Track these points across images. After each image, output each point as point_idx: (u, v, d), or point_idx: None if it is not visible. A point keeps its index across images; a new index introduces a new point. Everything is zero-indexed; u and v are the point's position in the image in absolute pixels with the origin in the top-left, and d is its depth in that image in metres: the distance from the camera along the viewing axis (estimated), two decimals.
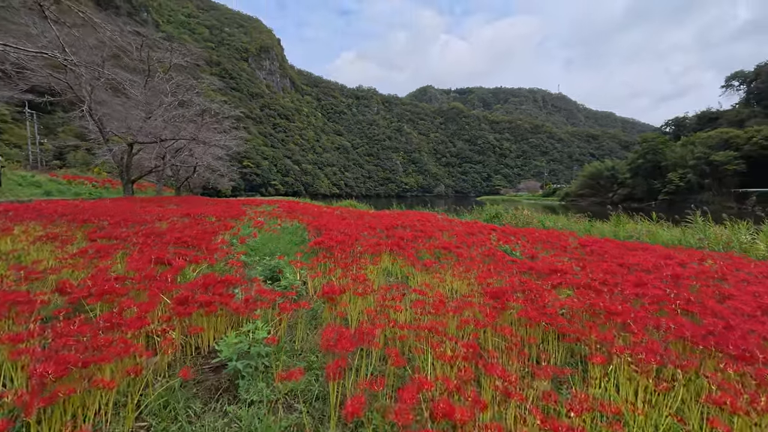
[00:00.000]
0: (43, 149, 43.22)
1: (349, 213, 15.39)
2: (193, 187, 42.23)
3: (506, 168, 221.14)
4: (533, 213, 13.15)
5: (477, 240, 7.07)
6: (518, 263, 4.54)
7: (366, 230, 7.96)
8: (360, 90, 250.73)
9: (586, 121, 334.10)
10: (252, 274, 3.96)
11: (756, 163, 59.24)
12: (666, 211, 11.81)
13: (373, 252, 5.05)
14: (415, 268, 4.50)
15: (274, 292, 2.60)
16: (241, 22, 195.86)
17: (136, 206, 11.96)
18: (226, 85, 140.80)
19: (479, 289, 3.29)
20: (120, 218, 7.07)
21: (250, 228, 8.03)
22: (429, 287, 3.19)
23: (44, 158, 40.83)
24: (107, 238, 4.78)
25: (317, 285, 3.68)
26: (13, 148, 37.87)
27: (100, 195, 19.49)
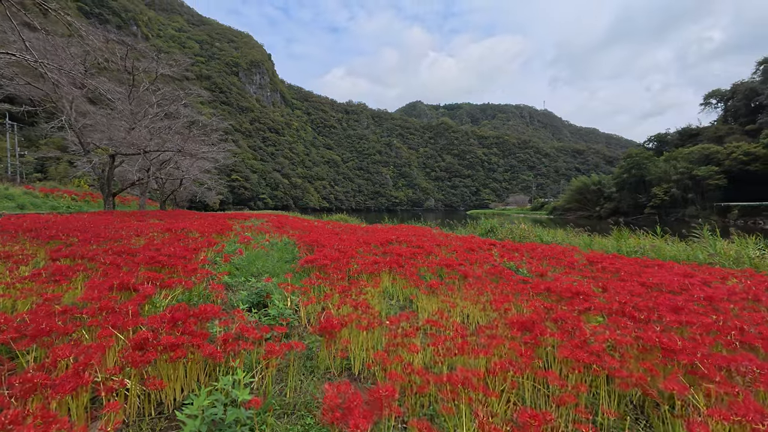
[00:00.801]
0: (24, 161, 41.93)
1: (341, 228, 14.91)
2: (180, 200, 41.24)
3: (495, 182, 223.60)
4: (530, 227, 12.86)
5: (479, 256, 6.66)
6: (531, 283, 4.13)
7: (360, 246, 7.51)
8: (350, 105, 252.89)
9: (571, 136, 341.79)
10: (235, 299, 3.46)
11: (736, 177, 60.79)
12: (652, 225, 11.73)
13: (372, 271, 4.60)
14: (420, 289, 4.06)
15: (260, 326, 2.13)
16: (231, 37, 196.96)
17: (115, 221, 11.29)
18: (216, 99, 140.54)
19: (501, 318, 2.85)
20: (92, 234, 6.49)
21: (236, 244, 7.50)
22: (443, 316, 2.74)
23: (25, 171, 39.54)
24: (71, 258, 4.22)
25: (311, 313, 3.20)
26: None
27: (79, 209, 18.63)
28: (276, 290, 3.53)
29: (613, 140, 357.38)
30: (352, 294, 3.13)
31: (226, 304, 3.40)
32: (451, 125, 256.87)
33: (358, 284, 3.74)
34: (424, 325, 2.51)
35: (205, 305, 2.11)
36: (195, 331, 1.83)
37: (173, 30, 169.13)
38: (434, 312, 3.58)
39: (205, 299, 3.38)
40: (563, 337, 2.23)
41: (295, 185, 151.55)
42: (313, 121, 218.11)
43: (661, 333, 2.32)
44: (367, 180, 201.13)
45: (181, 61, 17.23)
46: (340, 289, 3.17)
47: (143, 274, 3.24)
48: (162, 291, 3.01)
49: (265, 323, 2.64)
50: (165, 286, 2.94)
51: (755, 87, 77.80)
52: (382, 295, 4.30)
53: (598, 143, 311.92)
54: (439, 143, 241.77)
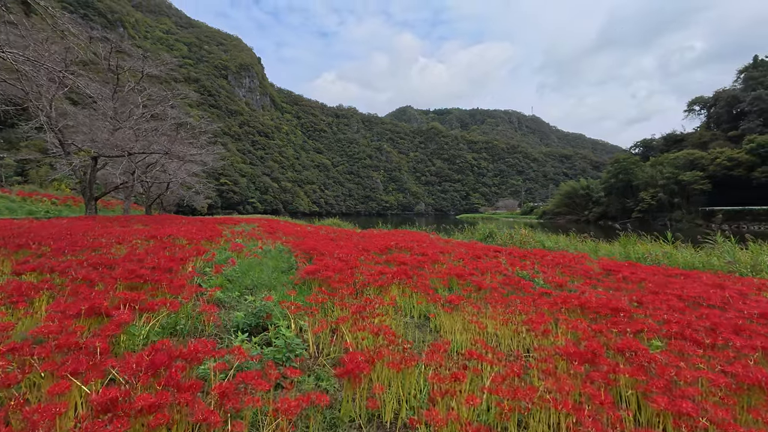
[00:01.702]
0: (4, 164, 40.46)
1: (336, 233, 14.41)
2: (166, 205, 40.17)
3: (484, 187, 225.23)
4: (530, 232, 12.56)
5: (488, 265, 6.27)
6: (554, 296, 3.74)
7: (360, 253, 7.06)
8: (340, 109, 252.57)
9: (559, 142, 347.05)
10: (230, 321, 2.99)
11: (720, 182, 62.08)
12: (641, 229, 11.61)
13: (381, 284, 4.15)
14: (438, 304, 3.63)
15: (264, 362, 1.68)
16: (220, 40, 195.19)
17: (96, 226, 10.62)
18: (205, 102, 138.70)
19: (540, 342, 2.44)
20: (67, 242, 5.90)
21: (228, 252, 6.97)
22: (486, 347, 2.30)
23: (4, 174, 38.12)
24: (38, 271, 3.69)
25: (322, 341, 2.73)
26: None
27: (59, 213, 17.77)
28: (276, 309, 3.05)
29: (599, 146, 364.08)
30: (368, 316, 2.68)
31: (219, 328, 2.91)
32: (441, 130, 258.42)
33: (369, 301, 3.29)
34: (466, 360, 2.07)
35: (195, 344, 1.64)
36: (182, 384, 1.36)
37: (161, 32, 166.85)
38: (457, 330, 3.16)
39: (194, 322, 2.90)
40: (637, 373, 1.82)
41: (285, 189, 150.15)
42: (303, 125, 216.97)
43: (747, 365, 1.94)
44: (357, 184, 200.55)
45: (167, 60, 16.59)
46: (353, 309, 2.72)
47: (120, 294, 2.74)
48: (143, 315, 2.52)
49: (268, 356, 2.18)
50: (146, 309, 2.45)
51: (737, 94, 79.91)
52: (392, 311, 3.85)
53: (584, 148, 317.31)
54: (429, 148, 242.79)
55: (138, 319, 2.45)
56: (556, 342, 2.58)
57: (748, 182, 59.37)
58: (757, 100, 73.13)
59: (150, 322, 2.51)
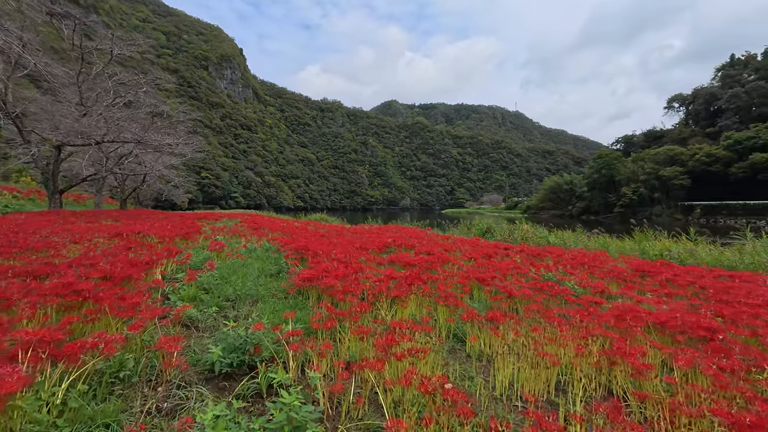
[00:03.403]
0: None
1: (325, 229, 13.52)
2: (143, 199, 38.28)
3: (469, 182, 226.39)
4: (532, 228, 11.95)
5: (505, 265, 5.55)
6: (622, 310, 3.01)
7: (359, 253, 6.24)
8: (325, 102, 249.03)
9: (542, 138, 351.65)
10: (203, 357, 2.13)
11: (699, 178, 63.59)
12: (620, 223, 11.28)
13: (397, 294, 3.34)
14: (474, 322, 2.85)
15: None
16: (200, 29, 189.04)
17: (57, 222, 9.45)
18: (185, 93, 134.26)
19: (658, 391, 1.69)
20: (10, 240, 4.88)
21: (206, 252, 6.04)
22: None
23: None
24: None
25: (346, 401, 1.88)
26: None
27: (20, 208, 16.25)
28: (268, 339, 2.21)
29: (581, 142, 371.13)
30: (404, 354, 1.87)
31: (185, 373, 2.05)
32: (427, 125, 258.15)
33: (396, 325, 2.48)
34: None
35: None
36: None
37: (137, 20, 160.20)
38: (510, 360, 2.38)
39: (150, 360, 2.03)
40: None
41: (269, 184, 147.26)
42: (287, 118, 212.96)
43: None
44: (342, 179, 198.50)
45: (139, 42, 15.19)
46: (380, 344, 1.91)
47: (37, 320, 1.86)
48: (56, 368, 1.63)
49: None
50: (65, 356, 1.57)
51: (714, 92, 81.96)
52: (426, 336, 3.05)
53: (566, 144, 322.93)
54: (415, 142, 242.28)
55: (46, 378, 1.56)
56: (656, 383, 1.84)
57: (726, 178, 60.94)
58: (734, 98, 75.15)
59: (72, 374, 1.63)
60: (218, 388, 1.99)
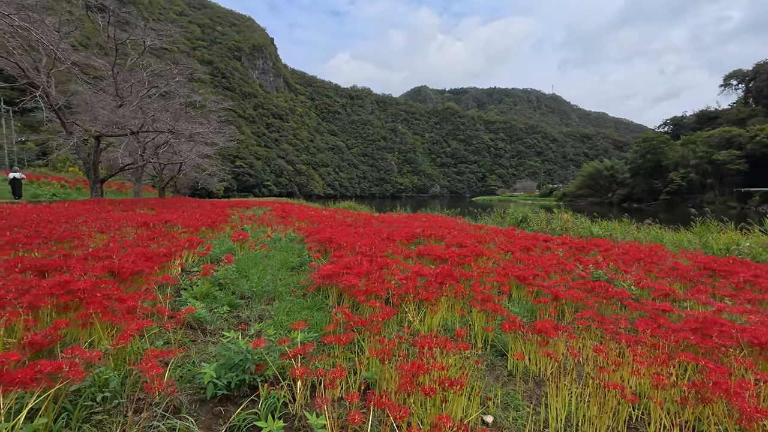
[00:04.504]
0: (26, 149, 40.65)
1: (353, 217, 13.27)
2: (180, 187, 39.77)
3: (501, 168, 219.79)
4: (572, 217, 11.11)
5: (545, 260, 5.00)
6: (702, 321, 2.47)
7: (385, 244, 5.86)
8: (354, 90, 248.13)
9: (580, 121, 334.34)
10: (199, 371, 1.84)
11: (759, 162, 58.12)
12: (666, 211, 10.15)
13: (426, 297, 2.95)
14: (517, 332, 2.41)
15: None
16: (233, 20, 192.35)
17: (94, 210, 9.73)
18: (219, 84, 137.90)
19: None
20: (37, 231, 4.90)
21: (229, 242, 5.88)
22: None
23: (26, 158, 38.23)
24: None
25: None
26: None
27: (66, 196, 17.16)
28: (274, 354, 1.90)
29: (623, 125, 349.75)
30: (436, 389, 1.48)
31: (176, 395, 1.77)
32: (457, 110, 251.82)
33: (424, 344, 2.10)
34: None
35: None
36: None
37: (174, 14, 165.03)
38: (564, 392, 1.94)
39: (137, 378, 1.76)
40: None
41: (300, 172, 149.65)
42: (317, 106, 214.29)
43: None
44: (371, 166, 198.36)
45: (169, 31, 15.33)
46: (405, 372, 1.52)
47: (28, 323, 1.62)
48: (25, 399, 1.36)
49: None
50: (17, 383, 1.29)
51: None
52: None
53: (607, 128, 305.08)
54: (445, 128, 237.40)
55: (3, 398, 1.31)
56: None
57: None
58: None
59: (33, 401, 1.37)
60: (213, 414, 1.70)
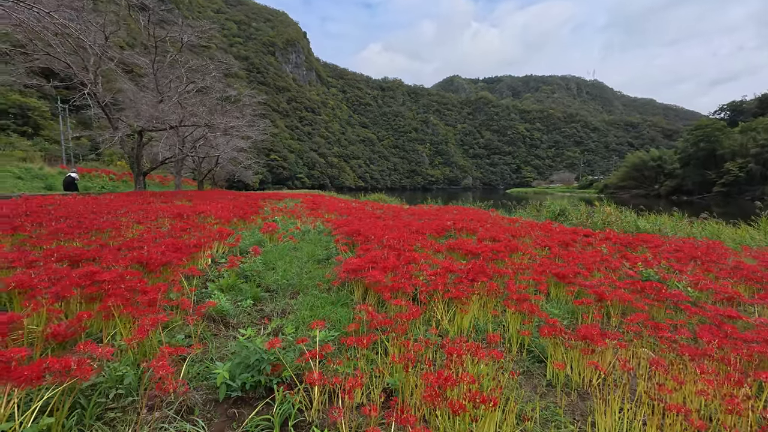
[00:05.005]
0: (80, 144, 43.55)
1: (382, 209, 13.16)
2: (218, 180, 41.28)
3: (537, 159, 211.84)
4: (616, 210, 10.39)
5: (589, 258, 4.63)
6: None
7: (414, 238, 5.67)
8: (385, 81, 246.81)
9: (624, 109, 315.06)
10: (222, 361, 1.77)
11: None
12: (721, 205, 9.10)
13: (456, 295, 2.76)
14: (556, 337, 2.18)
15: None
16: (267, 15, 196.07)
17: (136, 201, 10.19)
18: (254, 79, 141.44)
19: None
20: (79, 221, 5.13)
21: (258, 234, 5.93)
22: None
23: (81, 153, 40.99)
24: None
25: None
26: (53, 143, 37.97)
27: (114, 189, 18.21)
28: (290, 354, 1.80)
29: (672, 111, 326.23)
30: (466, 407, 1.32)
31: (190, 395, 1.70)
32: (491, 99, 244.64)
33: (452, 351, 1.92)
34: None
35: None
36: None
37: (212, 12, 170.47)
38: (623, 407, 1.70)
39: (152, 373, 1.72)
40: None
41: (332, 164, 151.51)
42: (349, 99, 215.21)
43: None
44: (402, 158, 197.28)
45: (204, 27, 15.73)
46: (431, 384, 1.35)
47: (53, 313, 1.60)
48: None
49: None
50: (23, 380, 1.25)
51: None
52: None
53: (654, 115, 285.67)
54: (478, 119, 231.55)
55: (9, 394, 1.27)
56: None
57: None
58: None
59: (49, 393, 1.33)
60: (226, 416, 1.63)
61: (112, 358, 1.59)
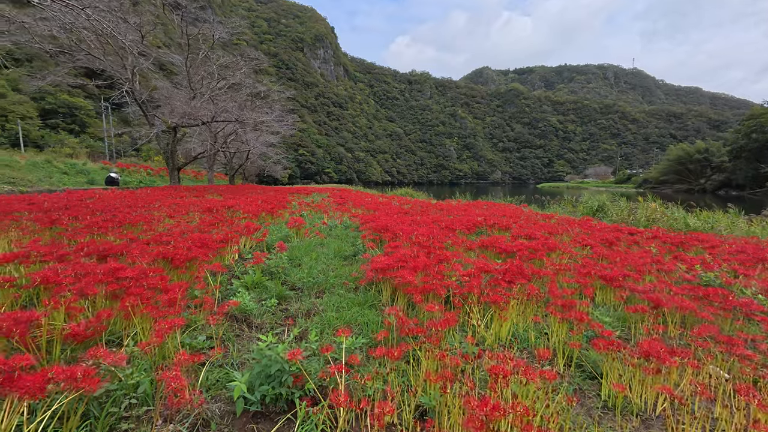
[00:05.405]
0: (122, 141, 45.92)
1: (410, 204, 12.94)
2: (248, 174, 42.29)
3: (570, 152, 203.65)
4: (661, 207, 9.67)
5: (637, 258, 4.24)
6: None
7: (444, 234, 5.44)
8: (413, 74, 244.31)
9: (666, 98, 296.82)
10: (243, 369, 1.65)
11: None
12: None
13: (494, 300, 2.52)
14: (615, 349, 1.92)
15: None
16: (296, 12, 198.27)
17: (170, 195, 10.49)
18: (283, 75, 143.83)
19: None
20: (113, 215, 5.24)
21: (285, 229, 5.88)
22: None
23: (123, 149, 43.19)
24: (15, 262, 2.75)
25: None
26: (97, 140, 40.29)
27: (151, 183, 18.96)
28: (314, 364, 1.65)
29: (721, 100, 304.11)
30: None
31: (202, 408, 1.59)
32: (522, 91, 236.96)
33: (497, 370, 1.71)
34: None
35: None
36: None
37: (243, 10, 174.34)
38: None
39: None
40: None
41: (358, 159, 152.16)
42: (376, 93, 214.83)
43: None
44: (429, 152, 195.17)
45: (234, 23, 15.97)
46: (474, 412, 1.17)
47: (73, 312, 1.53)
48: None
49: None
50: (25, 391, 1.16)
51: None
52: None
53: (700, 104, 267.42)
54: (508, 111, 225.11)
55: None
56: None
57: None
58: None
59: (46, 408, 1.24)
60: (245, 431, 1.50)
61: (124, 366, 1.50)
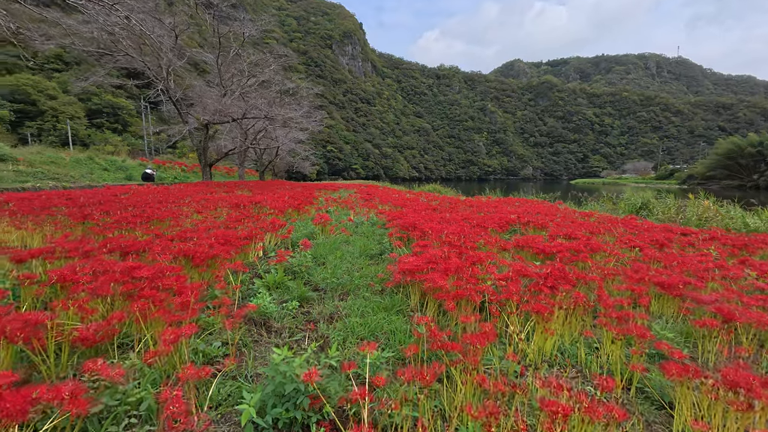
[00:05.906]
0: (160, 139, 48.04)
1: (438, 201, 12.60)
2: (277, 171, 43.09)
3: (607, 147, 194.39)
4: (714, 205, 8.85)
5: (696, 263, 3.79)
6: None
7: (474, 232, 5.13)
8: (441, 69, 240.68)
9: (715, 88, 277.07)
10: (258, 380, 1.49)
11: None
12: None
13: (535, 309, 2.24)
14: (691, 377, 1.61)
15: None
16: (325, 9, 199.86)
17: (199, 192, 10.70)
18: (312, 73, 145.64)
19: None
20: (142, 210, 5.30)
21: (311, 225, 5.76)
22: None
23: (161, 147, 45.19)
24: (45, 255, 2.73)
25: None
26: (137, 138, 42.49)
27: (184, 179, 19.60)
28: (333, 384, 1.46)
29: None
30: None
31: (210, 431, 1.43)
32: (556, 83, 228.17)
33: None
34: None
35: None
36: None
37: (274, 9, 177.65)
38: None
39: None
40: None
41: (386, 155, 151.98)
42: (403, 88, 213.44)
43: None
44: (458, 148, 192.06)
45: (263, 21, 16.14)
46: None
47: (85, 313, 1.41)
48: None
49: None
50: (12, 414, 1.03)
51: None
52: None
53: (754, 94, 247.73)
54: (540, 105, 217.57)
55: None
56: None
57: None
58: None
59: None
60: None
61: (123, 382, 1.37)
